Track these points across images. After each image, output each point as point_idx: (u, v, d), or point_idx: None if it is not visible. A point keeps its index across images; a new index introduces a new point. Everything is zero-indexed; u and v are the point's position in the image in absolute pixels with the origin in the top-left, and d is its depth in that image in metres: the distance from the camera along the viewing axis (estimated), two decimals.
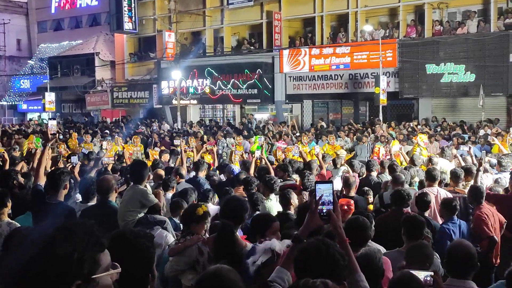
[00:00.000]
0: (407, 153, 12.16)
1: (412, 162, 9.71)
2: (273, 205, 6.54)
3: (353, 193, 7.34)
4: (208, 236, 4.58)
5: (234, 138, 17.13)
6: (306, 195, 7.13)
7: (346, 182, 7.39)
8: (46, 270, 1.48)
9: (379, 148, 12.64)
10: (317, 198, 2.89)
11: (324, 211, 2.88)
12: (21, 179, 6.50)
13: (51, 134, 5.46)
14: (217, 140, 18.03)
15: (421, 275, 3.29)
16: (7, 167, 8.04)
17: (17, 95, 41.28)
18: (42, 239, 1.53)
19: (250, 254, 3.92)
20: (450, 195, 7.00)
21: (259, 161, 9.91)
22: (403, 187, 6.97)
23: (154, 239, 2.45)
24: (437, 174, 7.50)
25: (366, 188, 7.72)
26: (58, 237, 1.53)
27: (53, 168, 5.49)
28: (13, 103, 41.86)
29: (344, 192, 7.39)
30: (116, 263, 1.66)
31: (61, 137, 19.24)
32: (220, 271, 2.40)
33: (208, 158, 11.84)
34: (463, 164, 9.31)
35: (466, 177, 7.84)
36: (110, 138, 18.60)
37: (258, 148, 12.71)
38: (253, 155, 10.00)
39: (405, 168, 8.89)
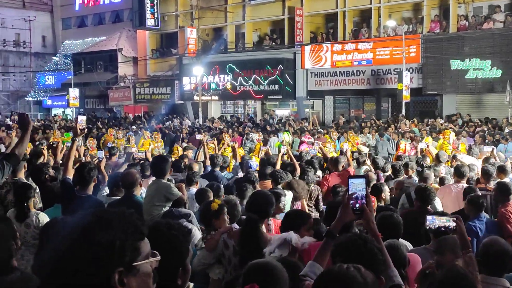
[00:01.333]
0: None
1: (437, 159, 9.58)
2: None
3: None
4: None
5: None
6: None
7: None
8: (88, 259, 1.49)
9: (405, 144, 12.47)
10: (350, 193, 2.89)
11: (357, 206, 2.88)
12: (52, 172, 6.61)
13: (80, 129, 5.53)
14: (245, 134, 17.88)
15: (443, 219, 3.36)
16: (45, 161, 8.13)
17: (42, 91, 41.85)
18: (82, 228, 1.54)
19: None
20: (478, 192, 6.90)
21: (286, 156, 9.87)
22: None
23: None
24: (465, 171, 7.43)
25: (379, 182, 7.55)
26: (99, 226, 1.54)
27: (81, 163, 5.57)
28: (38, 98, 42.45)
29: None
30: (155, 251, 1.67)
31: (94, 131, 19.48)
32: (270, 262, 2.42)
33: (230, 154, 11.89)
34: (498, 160, 9.17)
35: (499, 174, 7.70)
36: (132, 133, 18.67)
37: (279, 145, 12.67)
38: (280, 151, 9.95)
39: (429, 167, 8.76)
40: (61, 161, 8.20)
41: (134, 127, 23.15)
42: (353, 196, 2.88)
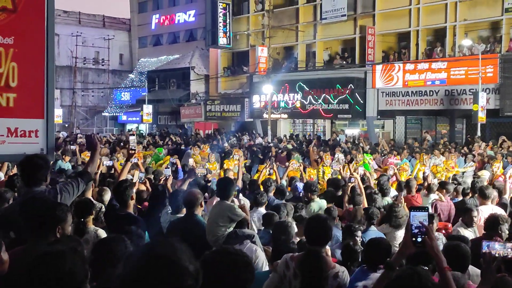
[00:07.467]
0: None
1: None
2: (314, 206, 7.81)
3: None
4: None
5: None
6: None
7: None
8: (172, 282, 1.57)
9: (498, 167, 11.87)
10: (411, 225, 2.82)
11: (419, 239, 2.80)
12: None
13: (131, 150, 5.54)
14: (335, 155, 17.28)
15: (503, 245, 3.15)
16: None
17: (118, 107, 43.60)
18: (167, 252, 1.62)
19: (359, 278, 3.87)
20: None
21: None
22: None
23: None
24: (490, 193, 7.35)
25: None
26: (184, 252, 1.63)
27: (118, 181, 5.50)
28: (114, 114, 44.28)
29: None
30: None
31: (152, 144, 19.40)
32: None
33: (313, 173, 12.07)
34: None
35: None
36: (209, 150, 18.32)
37: (366, 167, 12.52)
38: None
39: None
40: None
41: (226, 144, 22.95)
42: (414, 228, 2.81)
